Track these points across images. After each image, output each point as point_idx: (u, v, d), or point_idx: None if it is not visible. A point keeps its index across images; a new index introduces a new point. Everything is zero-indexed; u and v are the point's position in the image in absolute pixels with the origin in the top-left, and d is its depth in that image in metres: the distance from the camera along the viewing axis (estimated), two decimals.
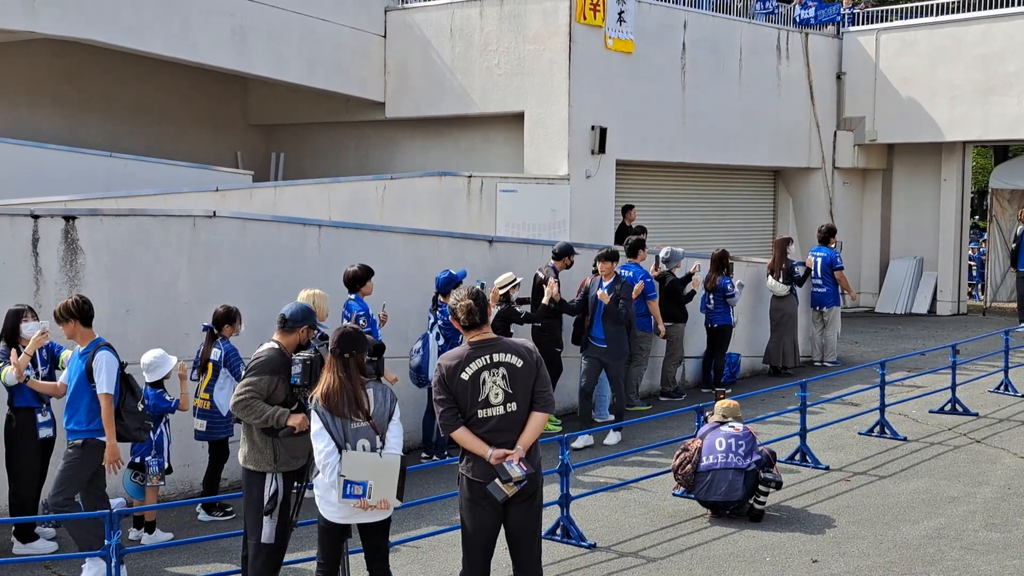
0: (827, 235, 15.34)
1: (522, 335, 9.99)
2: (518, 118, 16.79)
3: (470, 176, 15.63)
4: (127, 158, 15.34)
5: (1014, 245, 17.26)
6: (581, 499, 8.52)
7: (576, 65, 16.26)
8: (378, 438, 5.78)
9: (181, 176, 15.24)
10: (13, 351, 7.66)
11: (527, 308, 11.20)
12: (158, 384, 8.07)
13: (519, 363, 5.72)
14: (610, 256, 11.01)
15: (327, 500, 5.81)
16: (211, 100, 19.63)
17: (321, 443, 5.73)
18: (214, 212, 9.49)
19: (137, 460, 8.02)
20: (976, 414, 11.83)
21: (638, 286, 11.54)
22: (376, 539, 5.99)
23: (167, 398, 8.06)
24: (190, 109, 19.37)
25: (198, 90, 19.22)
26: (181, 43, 15.77)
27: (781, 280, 14.43)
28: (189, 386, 8.36)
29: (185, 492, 9.08)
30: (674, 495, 8.98)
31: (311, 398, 5.88)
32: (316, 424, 5.78)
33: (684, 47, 17.97)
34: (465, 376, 5.67)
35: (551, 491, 7.88)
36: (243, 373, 6.42)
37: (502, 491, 5.61)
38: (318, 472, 5.79)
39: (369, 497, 5.67)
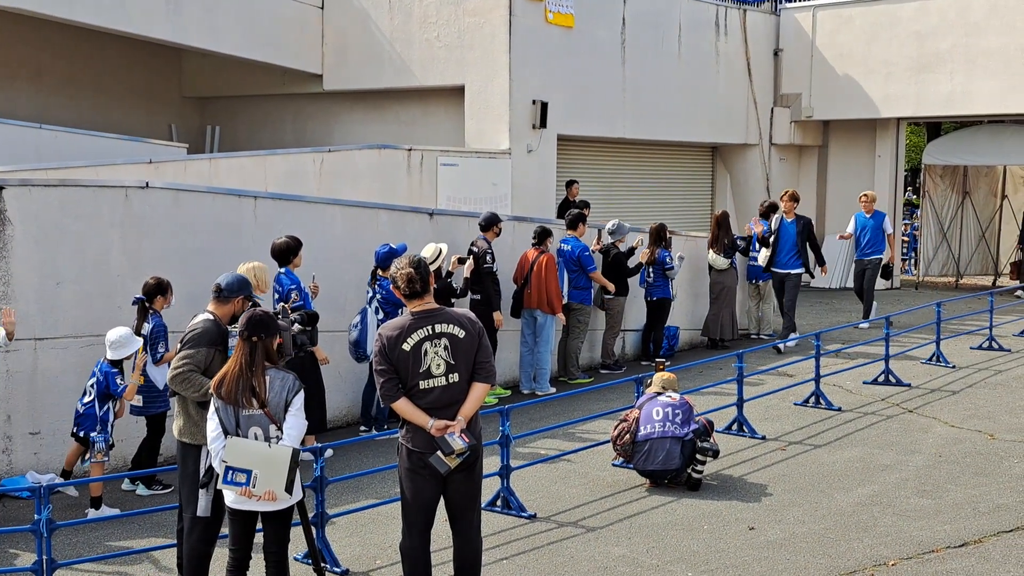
0: (768, 210, 15.44)
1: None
2: (459, 91, 16.67)
3: (410, 149, 15.49)
4: (58, 130, 14.98)
5: (772, 238, 14.35)
6: (521, 470, 8.53)
7: (517, 39, 16.17)
8: (273, 427, 5.59)
9: (113, 149, 14.92)
10: None
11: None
12: (117, 364, 7.90)
13: (461, 334, 5.68)
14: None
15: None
16: (145, 71, 19.24)
17: (210, 426, 5.63)
18: (147, 183, 9.29)
19: (81, 434, 7.85)
20: (908, 384, 12.04)
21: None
22: (273, 528, 5.77)
23: (119, 382, 7.88)
24: (123, 81, 18.97)
25: (131, 61, 18.83)
26: (114, 12, 15.40)
27: (723, 254, 14.57)
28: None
29: (118, 467, 8.92)
30: (613, 465, 9.03)
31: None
32: (210, 407, 5.67)
33: (624, 22, 17.96)
34: (407, 347, 5.60)
35: (491, 462, 7.89)
36: (178, 346, 6.32)
37: (445, 463, 5.57)
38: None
39: (253, 487, 5.47)
